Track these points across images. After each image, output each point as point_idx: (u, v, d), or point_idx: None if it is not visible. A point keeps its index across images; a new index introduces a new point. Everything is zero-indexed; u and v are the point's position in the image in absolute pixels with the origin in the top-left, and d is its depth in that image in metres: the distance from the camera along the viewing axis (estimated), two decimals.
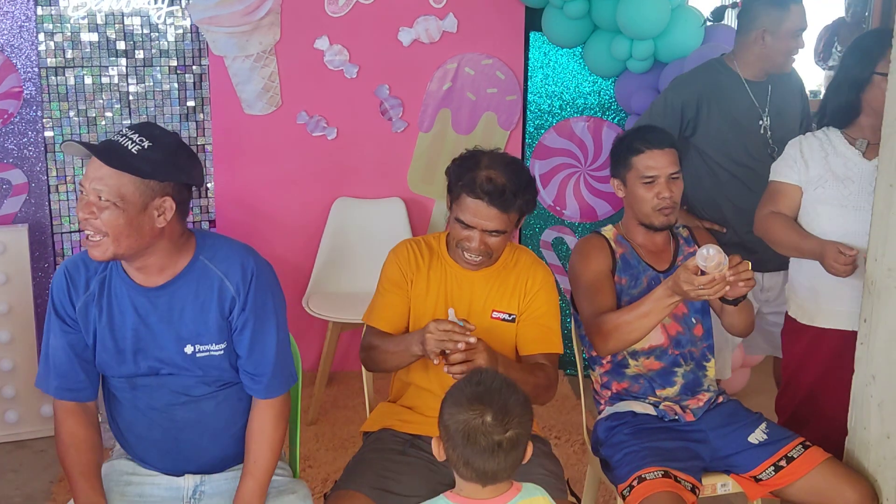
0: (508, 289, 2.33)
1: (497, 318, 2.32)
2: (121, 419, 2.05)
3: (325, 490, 3.20)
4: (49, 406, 3.60)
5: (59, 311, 1.97)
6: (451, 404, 1.70)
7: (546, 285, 2.35)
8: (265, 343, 2.00)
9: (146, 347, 1.95)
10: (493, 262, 2.31)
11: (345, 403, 3.97)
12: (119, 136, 1.85)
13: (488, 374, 1.75)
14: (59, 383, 1.98)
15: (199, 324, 1.95)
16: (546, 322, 2.34)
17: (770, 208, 2.58)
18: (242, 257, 1.99)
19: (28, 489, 3.24)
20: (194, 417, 2.00)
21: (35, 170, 3.84)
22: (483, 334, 2.23)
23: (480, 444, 1.65)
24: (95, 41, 3.87)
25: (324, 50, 4.05)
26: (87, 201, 1.82)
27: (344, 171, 4.16)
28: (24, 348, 3.57)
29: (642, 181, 2.40)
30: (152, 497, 2.03)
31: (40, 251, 3.87)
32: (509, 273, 2.34)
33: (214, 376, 1.99)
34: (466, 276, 2.32)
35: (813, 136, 2.58)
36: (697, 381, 2.48)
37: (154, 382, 1.97)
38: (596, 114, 4.23)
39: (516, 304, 2.33)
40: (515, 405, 1.69)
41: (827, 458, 2.29)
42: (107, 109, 3.94)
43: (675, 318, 2.45)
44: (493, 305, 2.32)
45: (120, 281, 1.95)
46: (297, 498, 2.05)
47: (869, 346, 2.26)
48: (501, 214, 2.17)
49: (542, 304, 2.34)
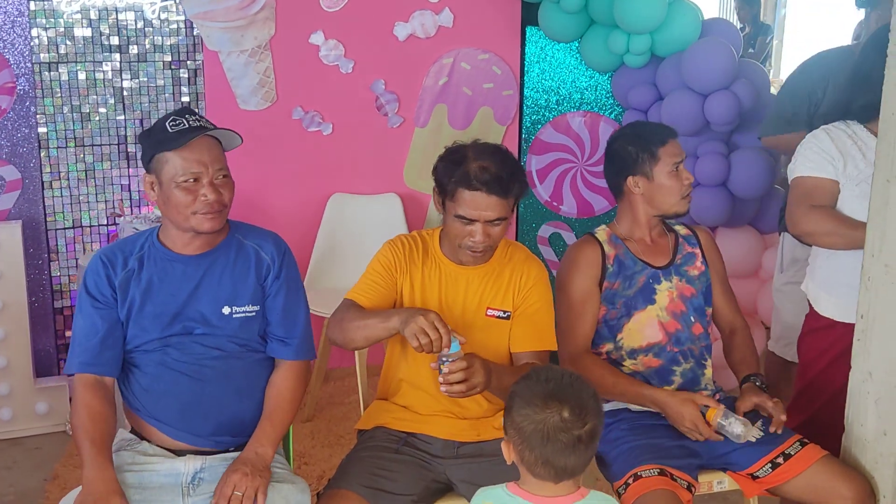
0: (503, 286, 2.31)
1: (492, 316, 2.30)
2: (144, 379, 2.11)
3: (320, 488, 3.19)
4: (43, 404, 3.60)
5: (91, 291, 2.11)
6: (522, 406, 1.67)
7: (539, 281, 2.33)
8: (297, 311, 2.19)
9: (185, 310, 2.10)
10: (490, 256, 2.29)
11: (340, 400, 3.96)
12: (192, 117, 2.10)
13: (553, 370, 1.73)
14: (83, 359, 2.09)
15: (237, 287, 2.13)
16: (540, 319, 2.32)
17: (810, 203, 2.47)
18: (273, 236, 2.24)
19: (22, 487, 3.23)
20: (222, 373, 2.11)
21: (29, 166, 3.82)
22: (478, 333, 2.23)
23: (561, 441, 1.63)
24: (89, 36, 3.85)
25: (319, 45, 4.03)
26: (212, 182, 2.05)
27: (340, 167, 4.14)
28: (19, 345, 3.55)
29: (671, 171, 2.42)
30: (151, 484, 2.04)
31: (34, 247, 3.86)
32: (503, 269, 2.32)
33: (244, 338, 2.14)
34: (461, 274, 2.30)
35: (840, 131, 2.51)
36: (696, 380, 2.46)
37: (187, 340, 2.10)
38: (593, 109, 4.21)
39: (510, 300, 2.31)
40: (588, 397, 1.68)
41: (824, 455, 2.27)
42: (100, 105, 3.91)
43: (674, 315, 2.44)
44: (487, 303, 2.30)
45: (158, 253, 2.14)
46: (296, 489, 2.06)
47: (866, 343, 2.25)
48: (501, 201, 2.16)
49: (536, 300, 2.32)
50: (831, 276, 2.55)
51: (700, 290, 2.49)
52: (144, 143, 2.11)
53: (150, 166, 2.09)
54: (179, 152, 2.03)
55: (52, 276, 3.93)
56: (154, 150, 2.07)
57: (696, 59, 3.60)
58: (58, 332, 3.97)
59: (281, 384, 2.18)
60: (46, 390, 3.63)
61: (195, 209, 2.05)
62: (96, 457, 1.98)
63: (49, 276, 3.92)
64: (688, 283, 2.48)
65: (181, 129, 2.04)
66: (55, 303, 3.95)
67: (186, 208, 2.05)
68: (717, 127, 3.67)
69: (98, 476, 1.95)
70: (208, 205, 2.04)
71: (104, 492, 1.93)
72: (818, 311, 2.58)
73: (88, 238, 3.99)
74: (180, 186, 2.04)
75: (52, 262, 3.94)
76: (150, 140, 2.08)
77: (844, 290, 2.48)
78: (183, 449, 2.10)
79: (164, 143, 2.04)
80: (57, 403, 3.63)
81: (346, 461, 2.26)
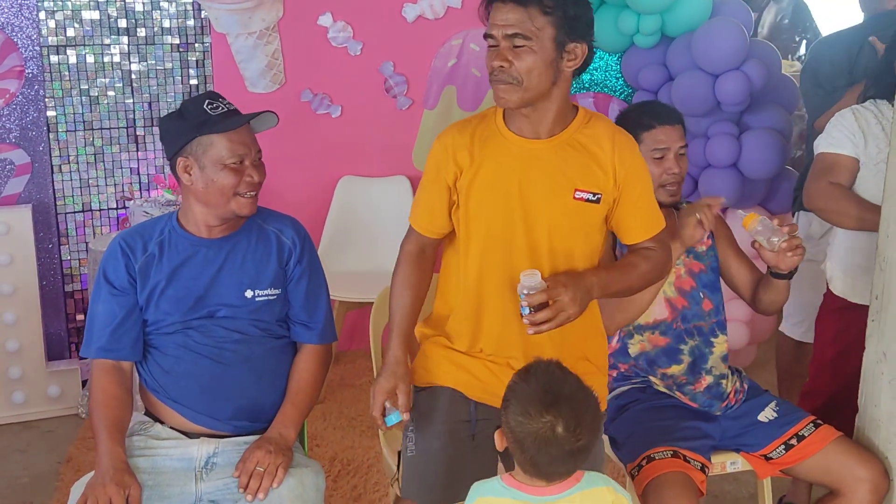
0: (587, 161, 1.94)
1: (580, 199, 1.94)
2: (165, 361, 2.12)
3: (333, 469, 3.22)
4: (55, 387, 3.62)
5: (109, 278, 2.13)
6: (517, 411, 1.61)
7: (635, 159, 1.98)
8: (319, 295, 2.23)
9: (208, 293, 2.12)
10: (526, 98, 1.89)
11: (352, 382, 3.97)
12: None
13: (555, 374, 1.65)
14: (101, 344, 2.12)
15: (259, 270, 2.15)
16: (644, 203, 2.01)
17: (829, 179, 2.51)
18: (292, 221, 2.26)
19: (35, 469, 3.25)
20: (243, 356, 2.12)
21: (38, 150, 3.82)
22: (565, 219, 1.94)
23: (552, 453, 1.60)
24: (97, 19, 3.84)
25: (327, 27, 4.01)
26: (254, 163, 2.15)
27: (349, 150, 4.14)
28: (30, 329, 3.57)
29: (652, 156, 2.38)
30: (164, 468, 2.05)
31: (44, 231, 3.86)
32: (588, 141, 1.96)
33: (266, 322, 2.16)
34: (536, 150, 1.95)
35: (866, 110, 2.54)
36: (703, 357, 2.43)
37: (209, 323, 2.12)
38: (602, 90, 4.19)
39: (600, 179, 1.94)
40: (586, 412, 1.61)
41: (838, 436, 2.27)
42: (109, 88, 3.91)
43: (682, 292, 2.43)
44: (574, 184, 1.94)
45: (179, 237, 2.15)
46: (311, 472, 2.07)
47: (880, 323, 2.25)
48: (517, 8, 1.84)
49: (637, 183, 1.98)
50: (847, 256, 2.55)
51: (709, 265, 2.47)
52: (177, 126, 2.09)
53: (187, 149, 2.07)
54: (227, 135, 2.06)
55: (62, 260, 3.94)
56: (193, 133, 2.06)
57: (707, 40, 3.58)
58: (69, 316, 3.98)
59: (304, 368, 2.20)
60: (58, 373, 3.64)
61: (239, 190, 2.08)
62: (109, 439, 2.01)
63: (59, 260, 3.93)
64: (696, 259, 2.47)
65: (223, 112, 2.07)
66: (66, 286, 3.96)
67: (230, 189, 2.08)
68: (728, 107, 3.64)
69: (110, 458, 1.98)
70: (252, 185, 2.10)
71: (115, 472, 1.95)
72: (832, 290, 2.58)
73: (98, 221, 3.99)
74: (228, 168, 2.06)
75: (63, 245, 3.94)
76: (188, 123, 2.07)
77: (860, 272, 2.49)
78: (198, 432, 2.11)
79: (208, 125, 2.05)
80: (69, 387, 3.65)
81: (419, 458, 2.03)
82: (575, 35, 1.89)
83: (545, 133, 1.95)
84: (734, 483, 3.07)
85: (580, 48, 1.91)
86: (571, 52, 1.90)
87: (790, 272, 2.32)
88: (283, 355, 2.20)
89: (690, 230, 2.31)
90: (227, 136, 2.06)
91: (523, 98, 1.88)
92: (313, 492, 2.03)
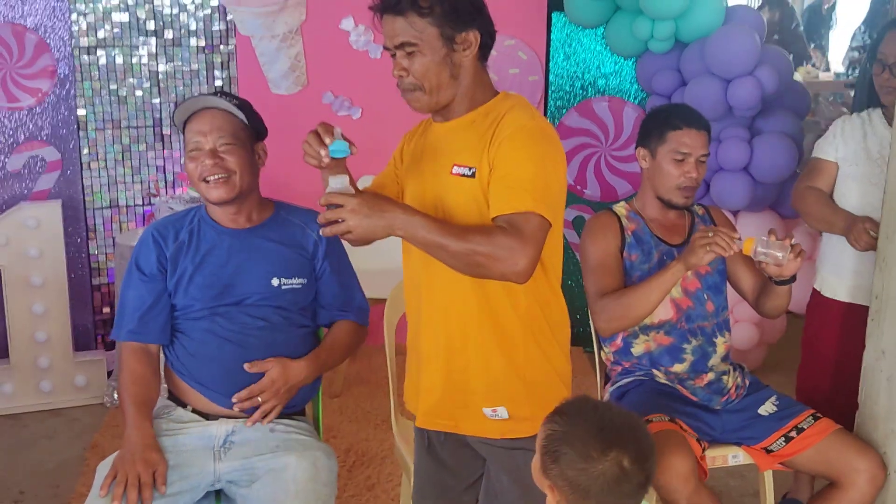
0: (472, 138, 1.87)
1: (457, 174, 1.86)
2: (191, 344, 2.21)
3: (348, 460, 3.31)
4: (82, 377, 3.73)
5: (140, 265, 2.23)
6: (576, 458, 1.46)
7: (514, 138, 1.81)
8: (352, 284, 2.36)
9: (235, 281, 2.20)
10: (434, 100, 1.87)
11: (367, 378, 4.05)
12: None
13: (598, 407, 1.54)
14: (130, 328, 2.22)
15: (285, 259, 2.24)
16: (511, 181, 1.78)
17: (808, 183, 2.68)
18: (317, 215, 2.21)
19: (61, 456, 3.35)
20: (266, 343, 2.19)
21: (68, 147, 3.94)
22: (448, 194, 1.88)
23: (623, 490, 1.46)
24: (126, 21, 3.96)
25: (349, 30, 4.10)
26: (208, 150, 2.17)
27: (369, 151, 4.12)
28: (59, 320, 3.67)
29: (673, 157, 2.44)
30: (185, 446, 2.14)
31: (73, 226, 3.97)
32: (482, 120, 1.89)
33: (289, 311, 2.24)
34: (441, 131, 1.94)
35: (857, 116, 2.68)
36: (706, 357, 2.48)
37: (234, 310, 2.20)
38: (617, 94, 4.26)
39: (478, 155, 1.84)
40: (644, 436, 1.51)
41: (837, 428, 2.33)
42: (137, 88, 4.02)
43: (687, 293, 2.49)
44: (453, 160, 1.88)
45: (208, 227, 2.26)
46: (324, 454, 2.15)
47: (880, 322, 2.30)
48: (397, 18, 1.81)
49: (506, 161, 1.79)
50: (832, 254, 2.68)
51: (715, 267, 2.52)
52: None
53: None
54: (189, 125, 2.21)
55: (90, 254, 4.06)
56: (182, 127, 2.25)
57: (720, 45, 3.64)
58: (95, 308, 4.10)
59: (337, 331, 2.33)
60: (85, 363, 3.75)
61: (203, 176, 2.17)
62: (137, 416, 2.12)
63: (87, 254, 4.05)
64: None
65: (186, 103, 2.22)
66: (93, 280, 4.08)
67: (196, 176, 2.18)
68: (740, 112, 3.70)
69: (139, 433, 2.08)
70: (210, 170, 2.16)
71: (144, 448, 2.05)
72: (815, 287, 2.72)
73: (125, 217, 4.10)
74: (188, 156, 2.18)
75: (91, 240, 4.06)
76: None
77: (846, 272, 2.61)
78: (219, 414, 2.20)
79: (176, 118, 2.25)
80: (95, 376, 3.76)
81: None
82: (460, 25, 1.85)
83: (455, 117, 1.93)
84: (740, 479, 3.12)
85: (472, 34, 1.87)
86: (463, 42, 1.85)
87: (792, 277, 2.35)
88: (304, 343, 2.27)
89: (700, 255, 2.26)
90: (188, 126, 2.19)
91: (431, 101, 1.87)
92: (326, 473, 2.11)
